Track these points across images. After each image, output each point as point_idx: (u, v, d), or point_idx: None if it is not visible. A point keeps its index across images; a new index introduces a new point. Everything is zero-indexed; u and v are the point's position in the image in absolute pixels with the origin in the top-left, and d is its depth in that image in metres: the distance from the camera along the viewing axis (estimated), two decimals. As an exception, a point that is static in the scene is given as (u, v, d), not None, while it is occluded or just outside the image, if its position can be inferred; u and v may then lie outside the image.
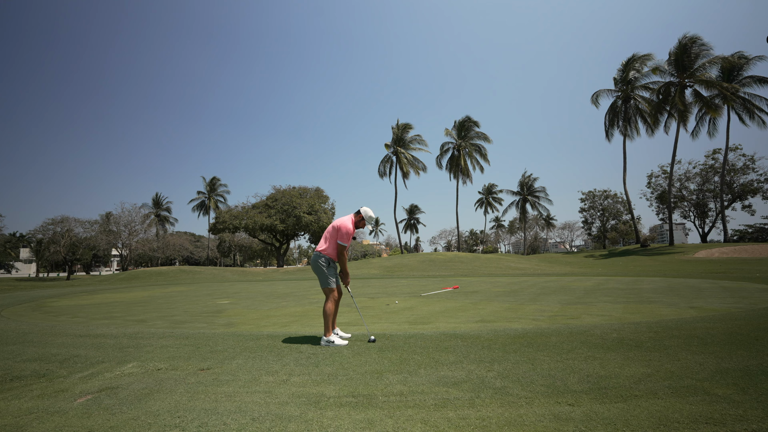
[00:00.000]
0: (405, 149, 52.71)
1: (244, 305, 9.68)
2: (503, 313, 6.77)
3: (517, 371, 3.19)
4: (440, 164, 53.99)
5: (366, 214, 4.69)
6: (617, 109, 43.58)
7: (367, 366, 3.50)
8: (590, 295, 9.58)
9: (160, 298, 12.98)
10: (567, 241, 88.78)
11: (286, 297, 11.71)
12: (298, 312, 7.95)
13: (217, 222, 50.11)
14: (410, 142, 53.00)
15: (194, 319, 7.37)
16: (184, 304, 10.44)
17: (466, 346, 4.08)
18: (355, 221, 4.68)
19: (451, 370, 3.27)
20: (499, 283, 15.23)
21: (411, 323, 5.97)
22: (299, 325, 6.10)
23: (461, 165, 51.58)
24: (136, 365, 3.74)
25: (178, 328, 6.04)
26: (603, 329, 4.74)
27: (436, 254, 40.36)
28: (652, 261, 31.51)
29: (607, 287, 11.70)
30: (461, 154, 51.53)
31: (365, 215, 4.70)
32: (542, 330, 4.84)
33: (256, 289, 16.06)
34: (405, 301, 9.40)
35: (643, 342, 4.03)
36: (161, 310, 9.13)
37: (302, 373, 3.35)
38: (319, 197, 52.52)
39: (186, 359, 3.91)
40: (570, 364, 3.35)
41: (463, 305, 8.16)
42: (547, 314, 6.51)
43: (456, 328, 5.37)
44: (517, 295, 9.92)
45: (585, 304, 7.78)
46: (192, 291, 16.52)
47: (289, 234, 53.17)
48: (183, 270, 38.44)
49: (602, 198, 68.97)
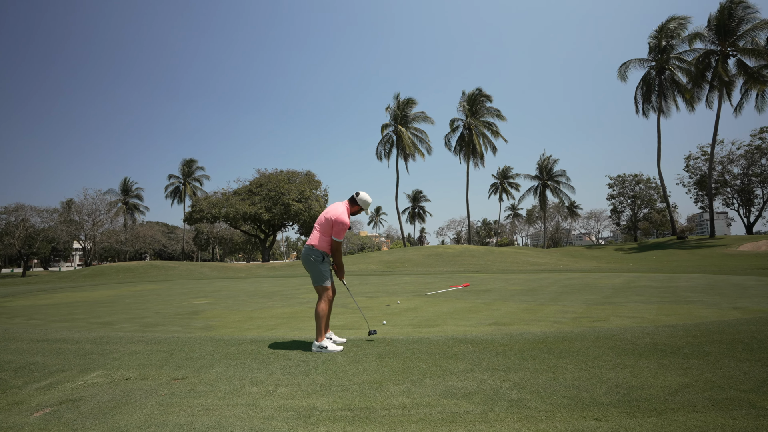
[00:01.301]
0: (407, 128, 52.46)
1: (225, 306, 9.70)
2: (520, 315, 6.78)
3: (536, 381, 3.20)
4: (449, 144, 53.86)
5: (363, 201, 4.63)
6: (650, 82, 43.29)
7: (365, 375, 3.50)
8: (619, 294, 9.59)
9: (129, 298, 13.01)
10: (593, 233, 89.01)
11: (272, 296, 11.73)
12: (286, 313, 7.96)
13: (194, 211, 50.10)
14: (413, 119, 52.75)
15: (167, 321, 7.38)
16: (156, 305, 10.46)
17: (477, 353, 4.08)
18: (351, 211, 4.64)
19: (461, 380, 3.27)
20: (516, 280, 15.27)
21: (415, 326, 5.98)
22: (287, 329, 6.11)
23: (472, 145, 51.41)
24: (101, 374, 3.74)
25: (148, 332, 6.06)
26: (634, 333, 4.75)
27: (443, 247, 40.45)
28: (690, 255, 31.60)
29: (638, 285, 11.72)
30: (472, 133, 51.31)
31: (362, 203, 4.64)
32: (565, 334, 4.84)
33: (238, 288, 16.11)
34: (408, 300, 9.42)
35: (680, 348, 4.04)
36: (130, 312, 9.15)
37: (291, 383, 3.35)
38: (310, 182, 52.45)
39: (158, 367, 3.92)
40: (596, 372, 3.35)
41: (475, 306, 8.17)
42: (570, 316, 6.52)
43: (466, 331, 5.38)
44: (535, 294, 9.94)
45: (613, 304, 7.79)
46: (165, 289, 16.57)
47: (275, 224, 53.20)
48: (155, 265, 38.55)
49: (633, 183, 68.92)
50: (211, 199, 51.26)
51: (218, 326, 6.61)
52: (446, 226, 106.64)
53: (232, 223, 50.36)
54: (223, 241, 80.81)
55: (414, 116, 52.73)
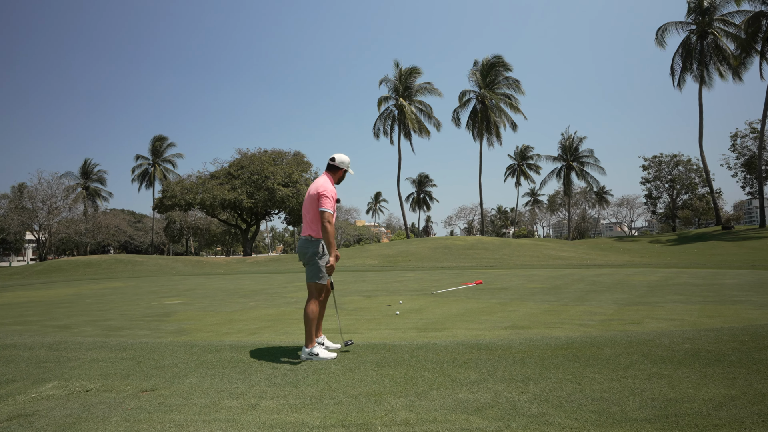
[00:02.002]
0: (411, 101, 52.18)
1: (200, 306, 9.72)
2: (541, 317, 6.79)
3: (559, 393, 3.20)
4: (457, 120, 53.65)
5: (341, 161, 4.67)
6: (690, 48, 43.00)
7: (362, 386, 3.51)
8: (655, 292, 9.61)
9: (90, 297, 13.04)
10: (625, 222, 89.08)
11: (255, 295, 11.76)
12: (272, 315, 7.98)
13: (165, 197, 50.04)
14: (418, 91, 52.47)
15: (134, 324, 7.40)
16: (121, 305, 10.49)
17: (492, 361, 4.09)
18: (334, 179, 4.66)
19: (473, 392, 3.28)
20: (536, 277, 15.30)
21: (419, 330, 5.99)
22: (272, 333, 6.12)
23: (487, 121, 51.20)
24: (57, 385, 3.75)
25: (112, 337, 6.07)
26: (672, 338, 4.75)
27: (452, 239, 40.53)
28: (737, 248, 31.66)
29: (677, 282, 11.74)
30: (486, 107, 51.06)
31: (340, 163, 4.68)
32: (592, 339, 4.85)
33: (215, 285, 16.15)
34: (412, 300, 9.44)
35: (726, 355, 4.04)
36: (91, 313, 9.17)
37: (276, 395, 3.36)
38: (298, 164, 52.38)
39: (123, 377, 3.92)
40: (629, 383, 3.35)
41: (489, 306, 8.18)
42: (599, 318, 6.52)
43: (479, 336, 5.39)
44: (559, 293, 9.96)
45: (649, 304, 7.81)
46: (131, 287, 16.62)
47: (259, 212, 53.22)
48: (120, 260, 38.65)
49: (671, 165, 68.76)
50: (185, 183, 51.17)
51: (193, 330, 6.62)
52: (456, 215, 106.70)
53: (208, 210, 50.31)
54: (199, 231, 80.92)
55: (418, 88, 52.44)
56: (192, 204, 49.06)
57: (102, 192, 72.05)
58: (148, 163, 69.46)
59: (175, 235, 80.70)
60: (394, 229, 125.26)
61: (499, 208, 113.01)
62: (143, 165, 69.42)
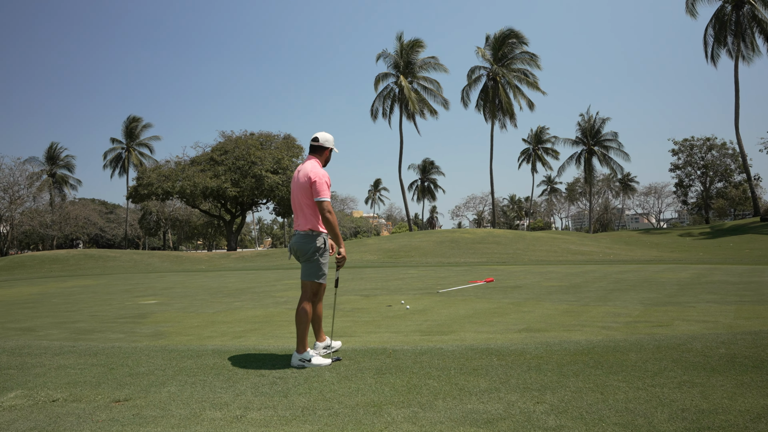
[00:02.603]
0: (415, 78, 51.96)
1: (180, 307, 9.74)
2: (559, 319, 6.80)
3: (579, 404, 3.20)
4: (466, 99, 53.50)
5: (325, 139, 4.66)
6: (725, 19, 42.73)
7: (360, 396, 3.51)
8: (686, 291, 9.62)
9: (57, 297, 13.06)
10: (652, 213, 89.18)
11: (240, 294, 11.78)
12: (259, 317, 7.99)
13: (140, 185, 50.07)
14: (421, 67, 52.26)
15: (106, 327, 7.42)
16: (92, 306, 10.51)
17: (504, 367, 4.09)
18: (321, 161, 4.65)
19: (483, 402, 3.28)
20: (554, 274, 15.32)
21: (424, 333, 5.99)
22: (260, 336, 6.12)
23: (499, 100, 51.03)
24: (20, 395, 3.75)
25: (82, 341, 6.08)
26: (706, 342, 4.75)
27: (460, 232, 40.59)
28: (777, 242, 31.64)
29: (711, 280, 11.75)
30: (498, 85, 50.85)
31: (325, 141, 4.66)
32: (616, 343, 4.85)
33: (196, 283, 16.18)
34: (415, 300, 9.46)
35: (765, 361, 4.04)
36: (58, 315, 9.18)
37: (264, 406, 3.36)
38: (288, 148, 52.33)
39: (94, 386, 3.92)
40: (657, 392, 3.36)
41: (501, 307, 8.20)
42: (624, 320, 6.53)
43: (489, 340, 5.40)
44: (579, 292, 9.97)
45: (679, 304, 7.82)
46: (103, 286, 16.64)
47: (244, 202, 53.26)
48: (90, 255, 38.72)
49: (704, 149, 68.58)
50: (163, 169, 51.15)
51: (171, 333, 6.63)
52: (464, 205, 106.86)
53: (188, 200, 50.35)
54: (178, 223, 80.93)
55: (422, 63, 52.22)
56: (170, 193, 49.07)
57: (70, 179, 72.05)
58: (121, 147, 69.29)
59: (152, 228, 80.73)
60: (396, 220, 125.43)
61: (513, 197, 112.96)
62: (117, 149, 69.28)
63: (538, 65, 50.93)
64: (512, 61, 51.46)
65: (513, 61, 51.48)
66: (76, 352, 5.16)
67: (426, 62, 52.30)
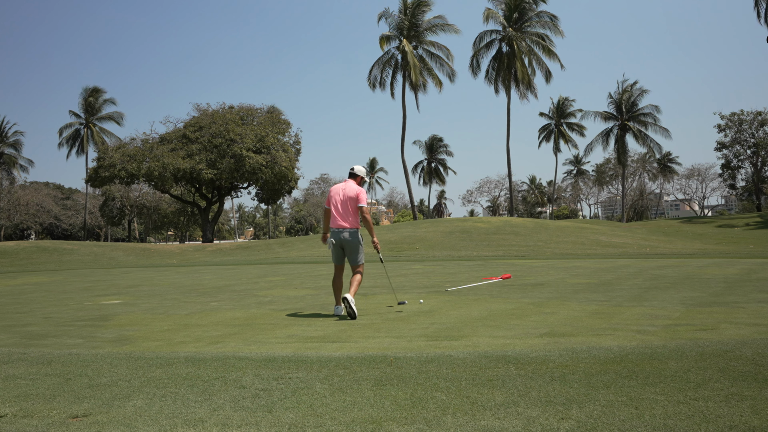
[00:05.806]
0: (420, 42, 51.71)
1: (147, 308, 9.73)
2: (587, 321, 6.79)
3: (610, 420, 3.18)
4: (475, 68, 53.24)
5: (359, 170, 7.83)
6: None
7: (356, 410, 3.49)
8: (735, 289, 9.61)
9: (4, 296, 13.06)
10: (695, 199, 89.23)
11: (217, 293, 11.77)
12: (239, 319, 7.98)
13: (101, 166, 49.94)
14: (428, 29, 51.97)
15: (62, 331, 7.39)
16: (45, 306, 10.50)
17: (523, 378, 4.08)
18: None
19: (499, 418, 3.26)
20: (581, 269, 15.32)
21: (430, 338, 5.98)
22: (240, 341, 6.10)
23: (514, 68, 50.83)
24: (-38, 409, 3.73)
25: (34, 347, 6.05)
26: (757, 348, 4.75)
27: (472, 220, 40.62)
28: (837, 232, 31.66)
29: (762, 277, 11.75)
30: (514, 50, 50.57)
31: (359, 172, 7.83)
32: (653, 350, 4.85)
33: (167, 280, 16.18)
34: (420, 299, 9.43)
35: (826, 370, 4.02)
36: (5, 316, 9.18)
37: (245, 422, 3.33)
38: (273, 124, 52.13)
39: (48, 399, 3.90)
40: (700, 407, 3.34)
41: (520, 307, 8.19)
42: (662, 323, 6.52)
43: (506, 345, 5.38)
44: (610, 291, 9.97)
45: (726, 305, 7.81)
46: (58, 283, 16.64)
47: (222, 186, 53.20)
48: (43, 247, 38.75)
49: (755, 125, 68.38)
50: (127, 149, 50.93)
51: (137, 338, 6.61)
52: (477, 189, 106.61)
53: (157, 184, 50.25)
54: (145, 211, 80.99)
55: (428, 25, 51.92)
56: (136, 175, 48.90)
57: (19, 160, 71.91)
58: (79, 122, 69.09)
59: (115, 216, 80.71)
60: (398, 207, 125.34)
61: (533, 180, 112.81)
62: (74, 125, 69.07)
63: (559, 30, 50.66)
64: (529, 23, 51.20)
65: (530, 23, 51.22)
66: (27, 360, 5.15)
67: (433, 24, 52.01)
